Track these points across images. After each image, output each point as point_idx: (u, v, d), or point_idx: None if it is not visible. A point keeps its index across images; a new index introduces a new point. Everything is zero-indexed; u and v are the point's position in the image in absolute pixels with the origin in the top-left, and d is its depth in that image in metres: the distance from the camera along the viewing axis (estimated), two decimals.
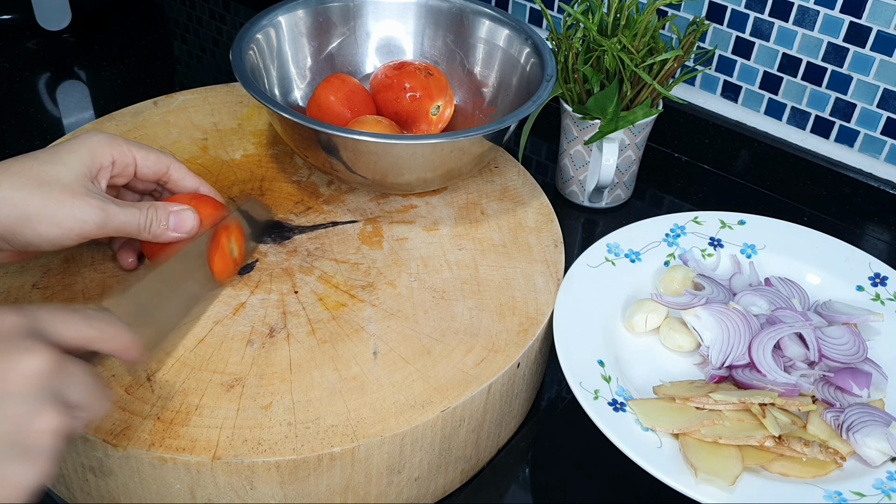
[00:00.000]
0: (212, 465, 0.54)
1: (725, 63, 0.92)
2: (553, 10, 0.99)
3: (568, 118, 0.86)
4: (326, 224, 0.74)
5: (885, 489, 0.57)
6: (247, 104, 0.87)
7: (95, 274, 0.67)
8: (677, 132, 0.98)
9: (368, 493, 0.59)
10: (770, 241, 0.77)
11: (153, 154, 0.63)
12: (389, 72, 0.81)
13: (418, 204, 0.77)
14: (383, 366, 0.61)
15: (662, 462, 0.57)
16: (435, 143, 0.69)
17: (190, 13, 1.23)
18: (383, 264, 0.70)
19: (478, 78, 0.85)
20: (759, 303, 0.70)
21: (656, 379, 0.66)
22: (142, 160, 0.62)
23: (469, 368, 0.61)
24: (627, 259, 0.74)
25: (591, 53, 0.82)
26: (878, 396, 0.64)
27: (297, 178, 0.79)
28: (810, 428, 0.61)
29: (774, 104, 0.91)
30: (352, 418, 0.57)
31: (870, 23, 0.82)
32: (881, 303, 0.72)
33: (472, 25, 0.84)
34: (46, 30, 1.12)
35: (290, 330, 0.63)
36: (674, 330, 0.68)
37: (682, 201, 0.94)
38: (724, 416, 0.60)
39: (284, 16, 0.81)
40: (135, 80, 1.08)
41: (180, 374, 0.59)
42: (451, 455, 0.62)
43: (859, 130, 0.87)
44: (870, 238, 0.90)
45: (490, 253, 0.72)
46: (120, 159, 0.61)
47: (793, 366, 0.65)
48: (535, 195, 0.79)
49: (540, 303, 0.68)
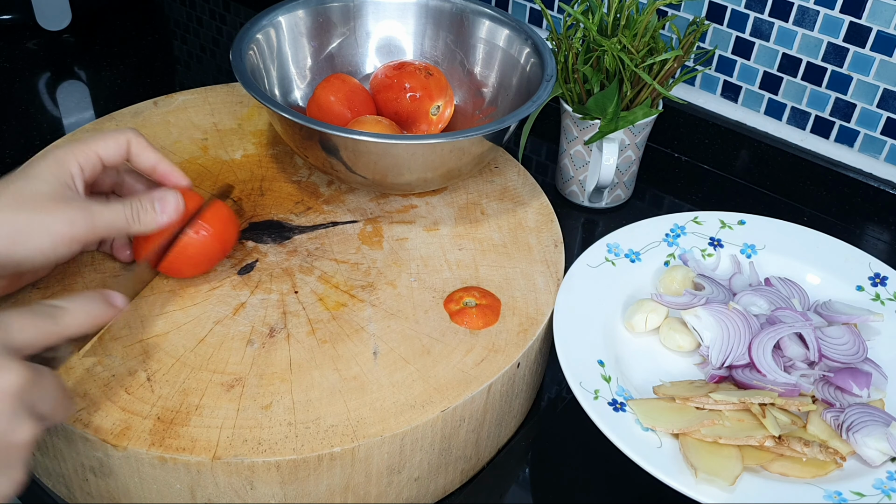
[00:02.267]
0: (212, 465, 0.54)
1: (725, 63, 0.92)
2: (553, 10, 0.99)
3: (568, 118, 0.86)
4: (326, 224, 0.74)
5: (885, 489, 0.57)
6: (247, 104, 0.87)
7: (95, 274, 0.67)
8: (677, 132, 0.98)
9: (368, 493, 0.59)
10: (770, 241, 0.77)
11: (110, 139, 0.63)
12: (389, 72, 0.81)
13: (418, 204, 0.77)
14: (383, 366, 0.61)
15: (662, 462, 0.57)
16: (435, 143, 0.69)
17: (190, 13, 1.23)
18: (383, 264, 0.70)
19: (478, 78, 0.85)
20: (759, 303, 0.70)
21: (656, 379, 0.66)
22: (103, 150, 0.62)
23: (469, 368, 0.61)
24: (627, 259, 0.74)
25: (591, 53, 0.82)
26: (878, 396, 0.64)
27: (297, 178, 0.79)
28: (810, 428, 0.61)
29: (774, 104, 0.91)
30: (352, 418, 0.57)
31: (870, 23, 0.82)
32: (881, 303, 0.72)
33: (472, 25, 0.84)
34: (46, 30, 1.12)
35: (290, 330, 0.63)
36: (674, 330, 0.68)
37: (682, 201, 0.94)
38: (724, 416, 0.60)
39: (284, 16, 0.81)
40: (135, 80, 1.08)
41: (180, 374, 0.59)
42: (451, 455, 0.62)
43: (859, 130, 0.87)
44: (870, 238, 0.90)
45: (490, 253, 0.72)
46: (85, 161, 0.61)
47: (793, 366, 0.65)
48: (535, 195, 0.79)
49: (540, 303, 0.68)
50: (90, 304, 0.52)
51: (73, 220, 0.57)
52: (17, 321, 0.47)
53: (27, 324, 0.47)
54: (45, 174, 0.58)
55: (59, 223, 0.57)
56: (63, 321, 0.49)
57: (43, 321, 0.48)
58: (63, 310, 0.50)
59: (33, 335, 0.47)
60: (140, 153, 0.64)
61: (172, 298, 0.65)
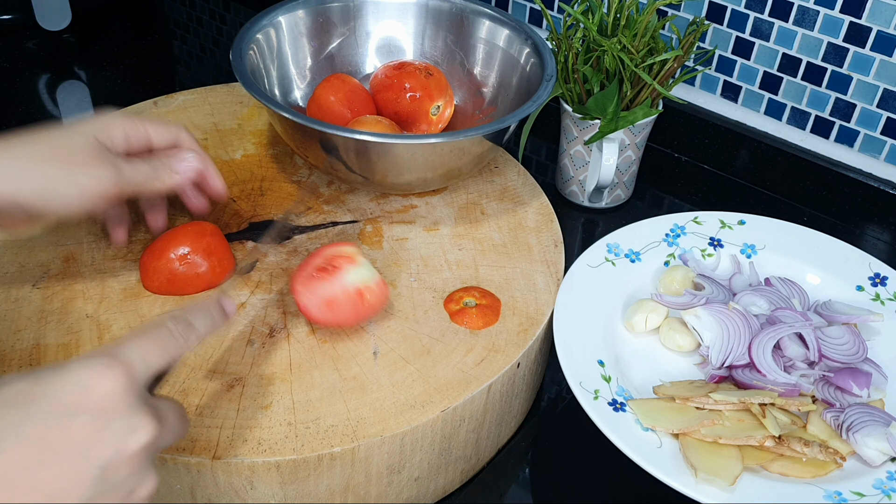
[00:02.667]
0: (212, 465, 0.54)
1: (725, 63, 0.92)
2: (553, 10, 0.99)
3: (568, 118, 0.86)
4: (326, 224, 0.74)
5: (885, 489, 0.57)
6: (247, 104, 0.87)
7: (95, 274, 0.67)
8: (677, 132, 0.98)
9: (368, 493, 0.59)
10: (770, 241, 0.77)
11: (162, 126, 0.64)
12: (389, 72, 0.81)
13: (418, 204, 0.77)
14: (383, 366, 0.61)
15: (662, 462, 0.57)
16: (435, 143, 0.69)
17: (190, 13, 1.23)
18: (383, 264, 0.70)
19: (478, 78, 0.85)
20: (759, 303, 0.70)
21: (656, 379, 0.66)
22: (153, 131, 0.64)
23: (469, 368, 0.61)
24: (627, 259, 0.74)
25: (591, 53, 0.82)
26: (878, 396, 0.64)
27: (297, 178, 0.79)
28: (810, 428, 0.61)
29: (774, 104, 0.91)
30: (352, 418, 0.57)
31: (870, 23, 0.82)
32: (881, 303, 0.72)
33: (472, 25, 0.84)
34: (46, 30, 1.12)
35: (290, 330, 0.63)
36: (674, 330, 0.68)
37: (682, 201, 0.94)
38: (724, 416, 0.60)
39: (284, 16, 0.81)
40: (135, 80, 1.08)
41: (180, 374, 0.59)
42: (451, 455, 0.62)
43: (859, 130, 0.87)
44: (870, 238, 0.90)
45: (490, 253, 0.72)
46: (133, 134, 0.62)
47: (793, 366, 0.65)
48: (535, 195, 0.79)
49: (540, 303, 0.68)
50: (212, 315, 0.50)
51: (101, 175, 0.58)
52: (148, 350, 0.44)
53: (158, 349, 0.45)
54: (84, 129, 0.59)
55: (88, 178, 0.57)
56: (191, 338, 0.47)
57: (169, 344, 0.46)
58: (191, 327, 0.48)
59: (160, 361, 0.45)
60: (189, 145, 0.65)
61: (172, 298, 0.65)
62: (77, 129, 0.59)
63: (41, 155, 0.57)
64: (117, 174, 0.59)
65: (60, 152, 0.57)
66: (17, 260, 0.68)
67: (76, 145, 0.58)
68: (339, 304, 0.61)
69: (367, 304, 0.62)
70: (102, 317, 0.63)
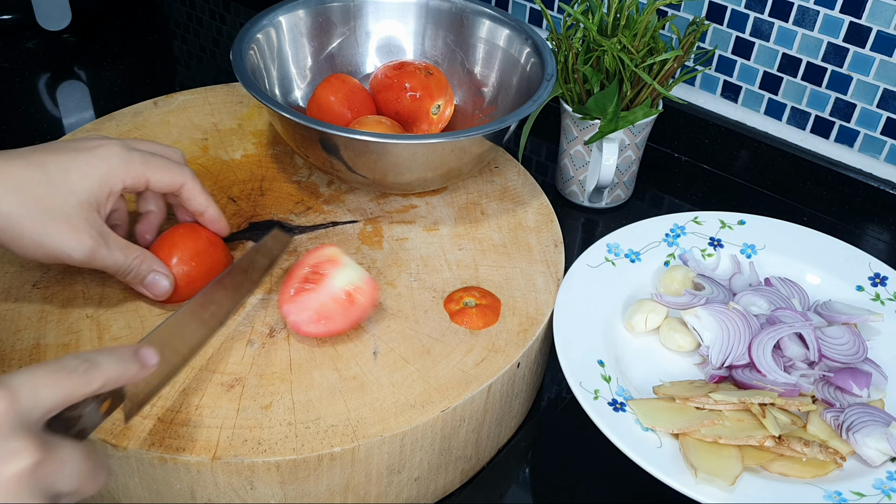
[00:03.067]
0: (212, 465, 0.54)
1: (725, 63, 0.92)
2: (553, 10, 0.99)
3: (568, 118, 0.86)
4: (326, 224, 0.74)
5: (885, 489, 0.57)
6: (247, 104, 0.87)
7: (95, 274, 0.67)
8: (677, 132, 0.98)
9: (368, 493, 0.59)
10: (770, 241, 0.77)
11: (167, 174, 0.62)
12: (389, 72, 0.81)
13: (418, 204, 0.77)
14: (383, 366, 0.61)
15: (662, 462, 0.57)
16: (435, 143, 0.69)
17: (190, 13, 1.23)
18: (383, 264, 0.70)
19: (478, 78, 0.85)
20: (759, 303, 0.70)
21: (656, 379, 0.66)
22: (155, 183, 0.62)
23: (469, 368, 0.61)
24: (627, 259, 0.74)
25: (591, 53, 0.82)
26: (878, 396, 0.64)
27: (297, 178, 0.79)
28: (810, 428, 0.61)
29: (774, 104, 0.91)
30: (352, 418, 0.57)
31: (870, 23, 0.82)
32: (881, 303, 0.72)
33: (473, 25, 0.84)
34: (46, 30, 1.12)
35: (290, 330, 0.63)
36: (674, 330, 0.68)
37: (682, 201, 0.94)
38: (724, 416, 0.60)
39: (284, 16, 0.81)
40: (135, 80, 1.08)
41: (180, 374, 0.59)
42: (451, 455, 0.62)
43: (859, 130, 0.87)
44: (870, 238, 0.90)
45: (490, 253, 0.72)
46: (132, 184, 0.61)
47: (793, 366, 0.65)
48: (535, 195, 0.79)
49: (540, 303, 0.68)
50: (122, 360, 0.47)
51: (72, 251, 0.57)
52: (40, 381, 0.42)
53: (51, 383, 0.42)
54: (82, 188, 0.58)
55: (57, 249, 0.57)
56: (93, 378, 0.44)
57: (70, 379, 0.43)
58: (94, 365, 0.45)
59: (58, 396, 0.42)
60: (193, 198, 0.64)
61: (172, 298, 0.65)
62: (74, 183, 0.57)
63: (26, 203, 0.55)
64: (90, 256, 0.58)
65: (46, 209, 0.56)
66: (18, 260, 0.68)
67: (66, 205, 0.57)
68: (331, 313, 0.61)
69: (358, 306, 0.62)
70: (102, 317, 0.63)
